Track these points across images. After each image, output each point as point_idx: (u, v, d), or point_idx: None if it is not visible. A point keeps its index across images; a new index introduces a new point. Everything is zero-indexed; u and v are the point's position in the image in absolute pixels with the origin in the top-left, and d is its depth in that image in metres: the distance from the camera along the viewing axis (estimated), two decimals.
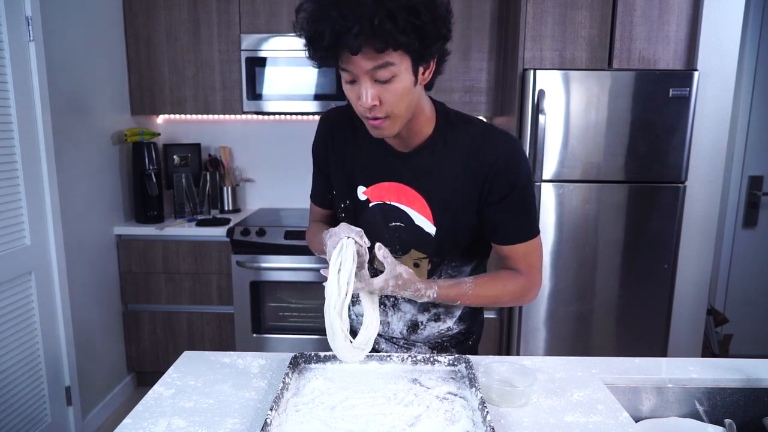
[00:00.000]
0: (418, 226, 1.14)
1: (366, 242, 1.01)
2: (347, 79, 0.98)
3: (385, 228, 1.16)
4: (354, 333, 1.26)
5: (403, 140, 1.11)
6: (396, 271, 1.02)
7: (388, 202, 1.15)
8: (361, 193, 1.17)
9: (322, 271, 1.03)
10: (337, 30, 0.87)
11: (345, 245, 0.99)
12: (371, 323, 1.06)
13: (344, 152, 1.19)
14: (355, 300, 1.29)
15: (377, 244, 1.02)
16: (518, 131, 2.33)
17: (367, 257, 1.02)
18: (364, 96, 0.96)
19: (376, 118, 1.00)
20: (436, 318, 1.24)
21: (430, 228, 1.13)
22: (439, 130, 1.11)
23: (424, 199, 1.12)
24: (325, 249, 1.05)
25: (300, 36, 0.96)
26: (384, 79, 0.94)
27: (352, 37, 0.87)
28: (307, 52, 0.97)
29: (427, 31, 0.91)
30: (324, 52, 0.92)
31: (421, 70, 0.99)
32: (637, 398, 1.15)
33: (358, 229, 1.02)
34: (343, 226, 1.03)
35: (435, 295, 1.07)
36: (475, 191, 1.09)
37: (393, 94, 0.96)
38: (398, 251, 1.17)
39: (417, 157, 1.11)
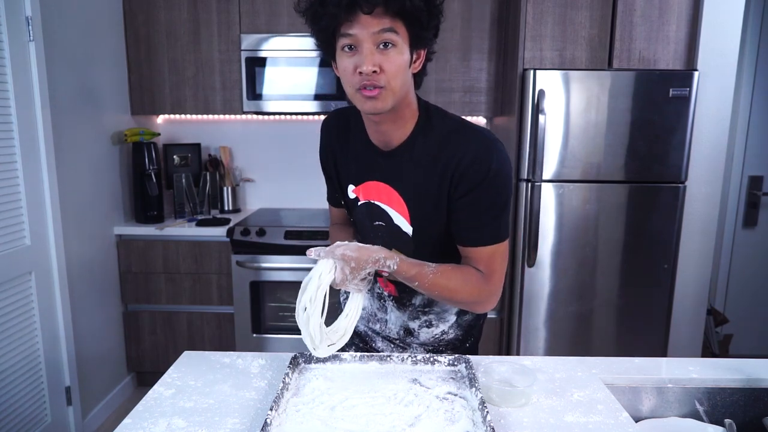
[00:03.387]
0: (396, 225, 1.14)
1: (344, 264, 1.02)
2: (347, 43, 0.98)
3: (370, 227, 1.18)
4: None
5: (386, 134, 1.10)
6: (337, 252, 1.01)
7: (373, 201, 1.16)
8: (351, 191, 1.19)
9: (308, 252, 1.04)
10: None
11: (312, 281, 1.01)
12: (351, 312, 1.07)
13: (339, 153, 1.21)
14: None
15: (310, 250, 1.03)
16: (518, 131, 2.33)
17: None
18: (367, 60, 0.96)
19: (372, 88, 0.98)
20: (428, 324, 1.24)
21: (407, 227, 1.13)
22: (418, 126, 1.10)
23: (402, 198, 1.12)
24: None
25: (302, 13, 0.99)
26: (388, 42, 0.96)
27: None
28: (313, 17, 0.98)
29: (433, 6, 0.98)
30: (336, 9, 0.94)
31: (414, 55, 1.03)
32: (637, 398, 1.15)
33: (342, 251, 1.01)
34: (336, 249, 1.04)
35: (396, 267, 1.03)
36: (444, 189, 1.07)
37: (392, 63, 0.98)
38: None
39: (397, 155, 1.11)
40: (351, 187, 1.19)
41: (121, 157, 2.71)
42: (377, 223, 1.16)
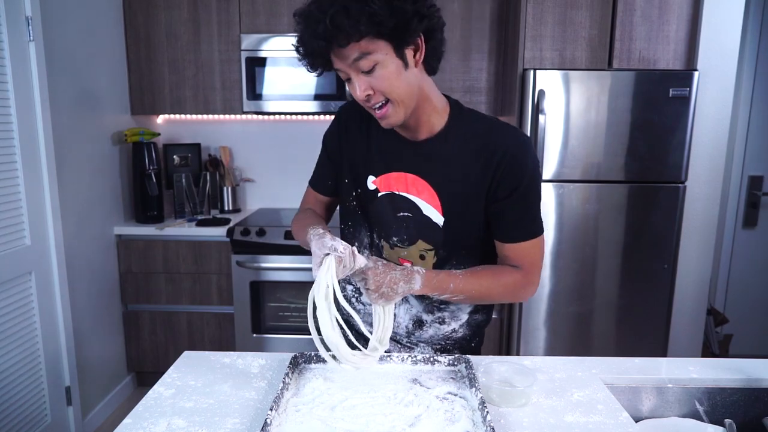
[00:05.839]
0: (426, 216, 1.14)
1: (347, 249, 0.97)
2: (343, 77, 1.03)
3: (393, 218, 1.17)
4: (351, 326, 1.25)
5: (412, 131, 1.13)
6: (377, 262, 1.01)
7: (397, 192, 1.16)
8: (371, 182, 1.18)
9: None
10: (308, 38, 0.96)
11: (327, 265, 0.95)
12: (383, 325, 1.05)
13: (356, 143, 1.20)
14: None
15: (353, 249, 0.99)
16: None
17: (354, 263, 0.98)
18: (356, 88, 1.00)
19: (378, 108, 1.03)
20: (441, 321, 1.24)
21: (439, 218, 1.14)
22: (451, 122, 1.13)
23: (434, 189, 1.12)
24: (308, 244, 1.04)
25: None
26: (367, 69, 0.98)
27: (316, 40, 0.94)
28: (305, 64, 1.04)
29: (381, 15, 0.92)
30: (310, 59, 1.00)
31: (410, 53, 1.01)
32: (637, 398, 1.15)
33: (332, 243, 0.97)
34: (317, 242, 0.99)
35: (420, 286, 1.04)
36: (484, 185, 1.10)
37: (382, 81, 0.99)
38: (405, 242, 1.18)
39: (428, 147, 1.13)
40: (371, 178, 1.18)
41: (121, 157, 2.71)
42: (402, 214, 1.16)
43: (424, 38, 1.02)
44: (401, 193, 1.15)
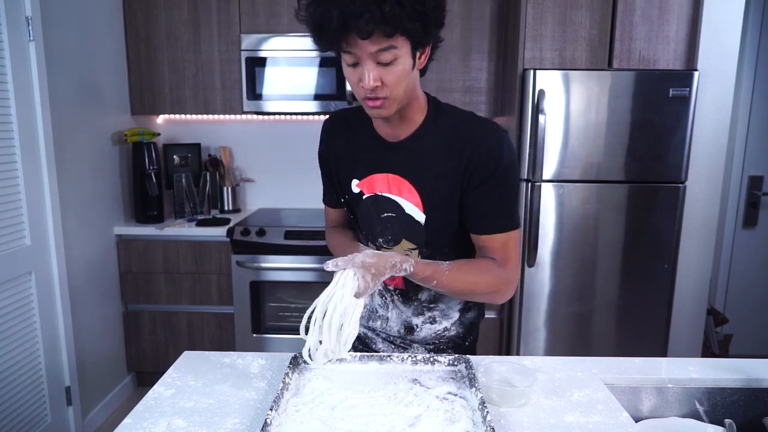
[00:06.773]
0: (408, 215, 1.15)
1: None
2: (349, 61, 1.01)
3: (377, 219, 1.18)
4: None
5: (395, 128, 1.13)
6: (356, 261, 1.01)
7: (380, 194, 1.17)
8: (355, 186, 1.19)
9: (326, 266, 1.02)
10: (346, 14, 0.91)
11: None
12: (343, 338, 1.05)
13: (340, 150, 1.22)
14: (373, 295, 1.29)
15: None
16: (518, 131, 2.33)
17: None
18: (367, 78, 0.99)
19: (376, 99, 1.02)
20: (431, 321, 1.24)
21: (420, 216, 1.14)
22: (429, 119, 1.13)
23: (414, 186, 1.13)
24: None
25: (303, 21, 0.99)
26: (386, 62, 0.98)
27: (363, 23, 0.91)
28: (312, 36, 1.00)
29: (429, 17, 0.96)
30: (332, 35, 0.95)
31: (418, 54, 1.03)
32: (637, 398, 1.15)
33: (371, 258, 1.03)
34: (387, 254, 1.05)
35: (412, 269, 1.04)
36: (459, 177, 1.10)
37: (394, 76, 1.00)
38: (390, 242, 1.19)
39: (407, 146, 1.13)
40: (355, 182, 1.19)
41: (121, 157, 2.71)
42: (386, 215, 1.17)
43: (432, 43, 1.06)
44: (384, 194, 1.16)
